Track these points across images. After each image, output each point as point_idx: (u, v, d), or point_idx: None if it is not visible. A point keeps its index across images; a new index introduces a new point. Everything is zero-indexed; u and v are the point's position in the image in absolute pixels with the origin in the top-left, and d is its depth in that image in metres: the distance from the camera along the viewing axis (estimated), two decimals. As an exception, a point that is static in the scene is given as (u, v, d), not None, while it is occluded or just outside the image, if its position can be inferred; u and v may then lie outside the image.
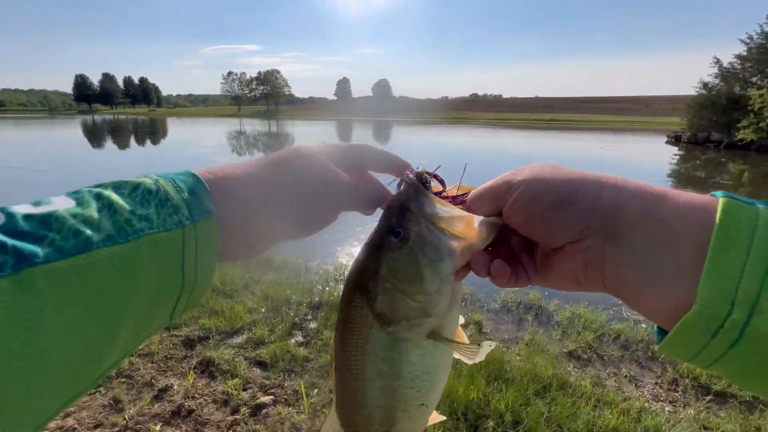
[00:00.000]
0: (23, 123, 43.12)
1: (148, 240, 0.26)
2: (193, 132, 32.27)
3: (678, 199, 0.26)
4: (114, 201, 0.26)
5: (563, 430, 1.72)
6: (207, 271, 0.31)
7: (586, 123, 45.71)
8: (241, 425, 1.74)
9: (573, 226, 0.29)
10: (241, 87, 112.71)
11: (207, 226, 0.30)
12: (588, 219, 0.28)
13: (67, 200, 0.25)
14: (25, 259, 0.21)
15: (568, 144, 22.15)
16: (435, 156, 14.76)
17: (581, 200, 0.28)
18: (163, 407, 1.83)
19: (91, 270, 0.23)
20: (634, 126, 41.90)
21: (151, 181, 0.29)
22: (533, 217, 0.30)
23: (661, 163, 14.52)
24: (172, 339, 2.35)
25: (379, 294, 0.33)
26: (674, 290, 0.25)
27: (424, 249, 0.32)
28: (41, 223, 0.23)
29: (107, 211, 0.26)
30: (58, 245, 0.22)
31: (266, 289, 2.97)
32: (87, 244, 0.23)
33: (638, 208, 0.27)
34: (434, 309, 0.33)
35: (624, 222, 0.27)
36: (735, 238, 0.23)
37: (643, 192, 0.28)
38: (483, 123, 46.79)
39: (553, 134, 30.17)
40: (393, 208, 0.34)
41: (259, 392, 1.95)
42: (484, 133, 30.27)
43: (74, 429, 1.69)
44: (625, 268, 0.27)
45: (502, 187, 0.32)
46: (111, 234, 0.25)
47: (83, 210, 0.25)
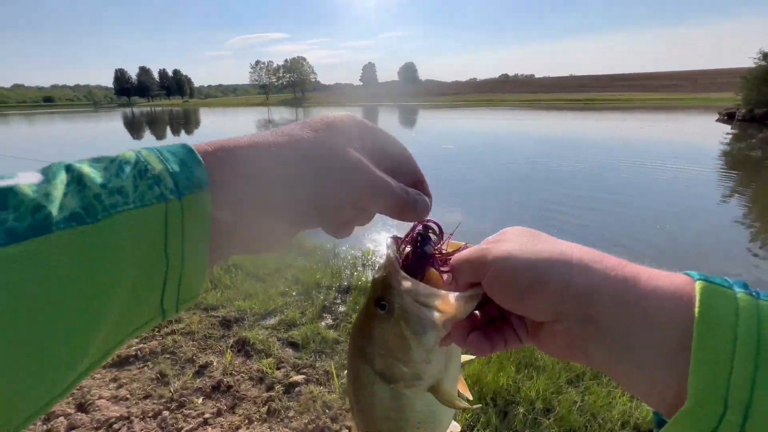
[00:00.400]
0: (71, 117, 46.17)
1: (122, 218, 0.22)
2: (224, 121, 33.26)
3: (651, 283, 0.26)
4: (84, 174, 0.22)
5: (597, 420, 1.68)
6: (197, 253, 0.26)
7: (625, 102, 42.78)
8: (275, 401, 1.83)
9: (546, 310, 0.28)
10: (268, 76, 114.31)
11: (196, 201, 0.25)
12: (559, 304, 0.27)
13: (34, 174, 0.22)
14: None
15: (603, 125, 20.91)
16: (456, 142, 14.44)
17: (551, 285, 0.27)
18: (204, 382, 1.95)
19: (48, 257, 0.19)
20: (681, 103, 38.72)
21: (131, 153, 0.25)
22: (507, 298, 0.30)
23: (710, 143, 13.42)
24: (210, 319, 2.48)
25: (375, 358, 0.36)
26: (661, 377, 0.24)
27: (408, 322, 0.33)
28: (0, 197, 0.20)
29: (75, 185, 0.22)
30: (9, 226, 0.19)
31: (297, 274, 3.06)
32: (45, 225, 0.19)
33: (609, 291, 0.26)
34: (426, 374, 0.35)
35: (595, 307, 0.26)
36: (717, 330, 0.22)
37: (615, 275, 0.27)
38: (513, 105, 44.99)
39: (588, 115, 28.57)
40: (378, 282, 0.35)
41: (292, 371, 2.03)
42: (512, 115, 29.13)
43: (127, 398, 1.84)
44: (607, 352, 0.26)
45: (478, 262, 0.31)
46: (76, 212, 0.21)
47: (47, 185, 0.21)
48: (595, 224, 4.97)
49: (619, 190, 6.48)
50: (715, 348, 0.22)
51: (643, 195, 6.26)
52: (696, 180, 7.36)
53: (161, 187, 0.24)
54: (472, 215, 5.39)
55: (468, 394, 0.41)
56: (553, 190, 6.62)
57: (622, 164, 8.59)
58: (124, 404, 1.81)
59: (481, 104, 48.81)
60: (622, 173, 7.84)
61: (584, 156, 9.82)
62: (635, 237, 4.47)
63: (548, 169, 8.56)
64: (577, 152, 10.60)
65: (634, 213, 5.35)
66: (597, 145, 12.23)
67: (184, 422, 1.72)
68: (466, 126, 21.59)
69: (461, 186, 7.09)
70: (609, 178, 7.50)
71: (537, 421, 1.68)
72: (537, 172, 8.20)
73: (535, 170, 8.42)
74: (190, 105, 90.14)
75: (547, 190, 6.61)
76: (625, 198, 6.03)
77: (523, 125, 21.12)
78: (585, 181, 7.25)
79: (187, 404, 1.82)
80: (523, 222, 3.26)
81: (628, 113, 28.50)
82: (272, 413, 1.78)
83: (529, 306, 0.29)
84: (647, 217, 5.13)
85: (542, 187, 6.92)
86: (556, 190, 6.61)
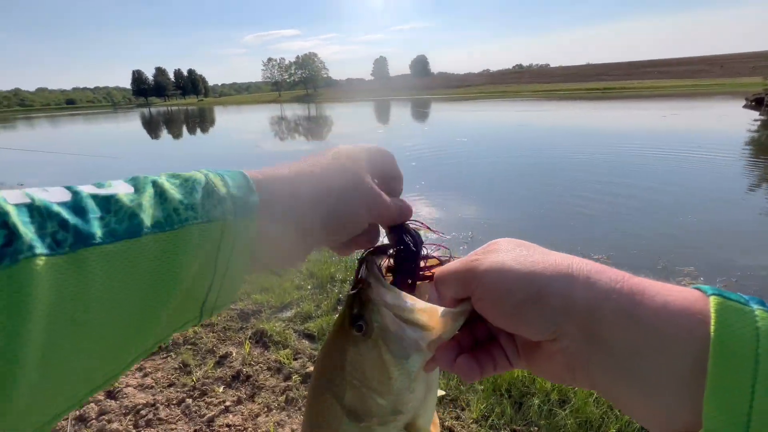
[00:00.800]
0: (93, 118, 47.73)
1: (192, 229, 0.27)
2: (238, 119, 33.70)
3: (659, 298, 0.23)
4: (166, 189, 0.27)
5: (614, 412, 1.67)
6: (239, 266, 0.30)
7: (647, 89, 41.16)
8: (293, 391, 1.88)
9: (544, 327, 0.26)
10: (280, 72, 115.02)
11: (247, 223, 0.30)
12: (560, 321, 0.25)
13: (127, 186, 0.27)
14: (83, 240, 0.22)
15: (622, 114, 20.27)
16: (470, 134, 14.26)
17: (550, 300, 0.25)
18: (225, 372, 2.02)
19: (137, 254, 0.24)
20: (705, 89, 37.10)
21: (201, 175, 0.30)
22: (501, 314, 0.27)
23: (736, 131, 12.87)
24: (229, 312, 2.55)
25: (347, 390, 0.31)
26: (671, 403, 0.22)
27: (388, 344, 0.30)
28: (103, 204, 0.24)
29: (159, 198, 0.27)
30: (112, 228, 0.24)
31: (311, 267, 3.11)
32: (138, 230, 0.24)
33: (614, 308, 0.24)
34: (406, 406, 0.31)
35: (601, 324, 0.24)
36: (736, 352, 0.20)
37: (620, 289, 0.24)
38: (527, 95, 44.03)
39: (607, 104, 27.74)
40: (354, 298, 0.32)
41: (309, 362, 2.08)
42: (528, 106, 28.54)
43: (152, 386, 1.92)
44: (612, 374, 0.24)
45: (467, 275, 0.29)
46: (159, 221, 0.26)
47: (139, 196, 0.26)
48: (615, 216, 4.86)
49: (639, 182, 6.31)
50: (734, 372, 0.20)
51: (666, 185, 6.07)
52: (721, 169, 7.09)
53: (222, 209, 0.29)
54: (489, 208, 5.34)
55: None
56: (572, 181, 6.50)
57: (643, 155, 8.34)
58: (150, 392, 1.89)
59: (494, 96, 47.91)
60: (643, 164, 7.61)
61: (603, 147, 9.58)
62: (657, 230, 4.36)
63: (565, 160, 8.38)
64: (595, 142, 10.34)
65: (654, 204, 5.21)
66: (616, 136, 11.89)
67: (206, 409, 1.79)
68: (480, 118, 21.29)
69: (476, 179, 7.02)
70: (629, 169, 7.30)
71: (552, 412, 1.67)
72: (554, 164, 8.05)
73: (551, 162, 8.26)
74: (204, 104, 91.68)
75: (565, 182, 6.49)
76: (645, 189, 5.87)
77: (540, 117, 20.68)
78: (605, 172, 7.07)
79: (208, 392, 1.89)
80: (543, 213, 3.23)
81: (649, 101, 27.54)
82: (290, 402, 1.83)
83: (525, 323, 0.26)
84: (669, 209, 4.98)
85: (560, 178, 6.79)
86: (574, 181, 6.47)
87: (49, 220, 0.22)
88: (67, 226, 0.22)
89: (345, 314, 0.32)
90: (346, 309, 0.32)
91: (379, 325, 0.30)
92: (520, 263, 0.27)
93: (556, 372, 0.28)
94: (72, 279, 0.22)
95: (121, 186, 0.27)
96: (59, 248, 0.22)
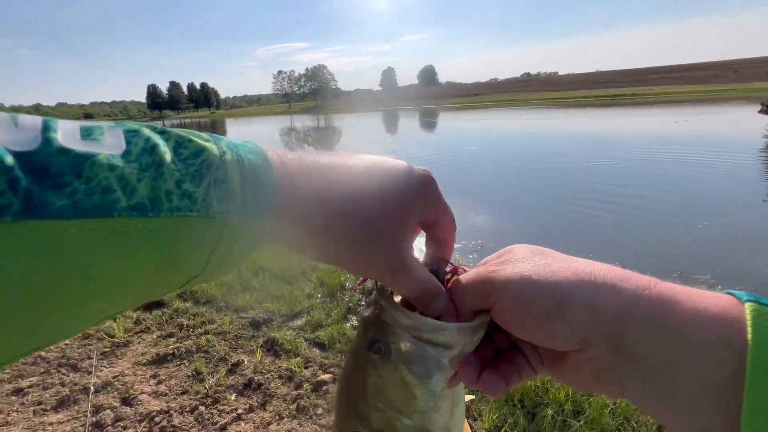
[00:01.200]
0: (109, 131, 49.22)
1: (182, 222, 0.21)
2: (249, 131, 34.32)
3: (690, 305, 0.22)
4: (164, 162, 0.21)
5: (631, 423, 1.63)
6: (235, 265, 0.26)
7: (660, 96, 40.64)
8: (304, 399, 1.88)
9: (570, 338, 0.25)
10: (290, 85, 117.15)
11: (255, 225, 0.25)
12: (585, 331, 0.24)
13: (119, 143, 0.21)
14: (32, 210, 0.17)
15: (634, 120, 20.08)
16: (478, 143, 14.28)
17: (575, 311, 0.24)
18: (237, 380, 2.03)
19: (100, 238, 0.19)
20: (719, 95, 36.55)
21: (216, 152, 0.24)
22: (523, 326, 0.26)
23: (751, 136, 12.62)
24: (241, 320, 2.58)
25: (372, 414, 0.31)
26: (704, 415, 0.21)
27: (409, 365, 0.29)
28: (73, 164, 0.19)
29: (153, 171, 0.21)
30: (76, 199, 0.18)
31: (321, 276, 3.13)
32: (109, 209, 0.19)
33: (642, 316, 0.23)
34: (433, 425, 0.30)
35: (629, 333, 0.23)
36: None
37: (648, 295, 0.23)
38: (536, 103, 43.97)
39: (618, 111, 27.52)
40: (368, 321, 0.31)
41: (319, 370, 2.08)
42: (537, 114, 28.49)
43: (166, 394, 1.95)
44: (642, 385, 0.23)
45: (485, 287, 0.28)
46: (142, 202, 0.20)
47: (126, 163, 0.20)
48: (628, 222, 4.79)
49: (652, 187, 6.21)
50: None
51: (681, 191, 5.97)
52: (737, 174, 6.94)
53: (229, 203, 0.23)
54: (498, 216, 5.32)
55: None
56: (582, 187, 6.43)
57: (656, 160, 8.23)
58: (164, 399, 1.92)
59: (503, 104, 47.90)
60: (656, 169, 7.51)
61: (614, 153, 9.48)
62: (671, 236, 4.28)
63: (574, 166, 8.31)
64: (605, 149, 10.25)
65: (668, 210, 5.12)
66: (627, 142, 11.78)
67: (218, 417, 1.80)
68: (488, 126, 21.31)
69: (485, 187, 7.01)
70: (642, 175, 7.20)
71: (567, 423, 1.64)
72: (564, 170, 7.99)
73: (561, 168, 8.21)
74: (216, 116, 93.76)
75: (576, 188, 6.43)
76: (658, 195, 5.78)
77: (549, 124, 20.61)
78: (616, 178, 6.99)
79: (221, 400, 1.90)
80: (553, 220, 3.21)
81: (661, 107, 27.24)
82: (301, 410, 1.83)
83: (549, 336, 0.25)
84: (684, 215, 4.89)
85: (571, 185, 6.74)
86: (584, 187, 6.41)
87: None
88: (16, 186, 0.17)
89: (361, 338, 0.31)
90: (362, 333, 0.31)
91: (397, 346, 0.29)
92: (540, 273, 0.26)
93: (582, 381, 0.27)
94: None
95: (111, 139, 0.21)
96: None
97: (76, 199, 0.18)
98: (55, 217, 0.17)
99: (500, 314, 0.27)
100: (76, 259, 0.19)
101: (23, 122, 0.19)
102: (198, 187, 0.22)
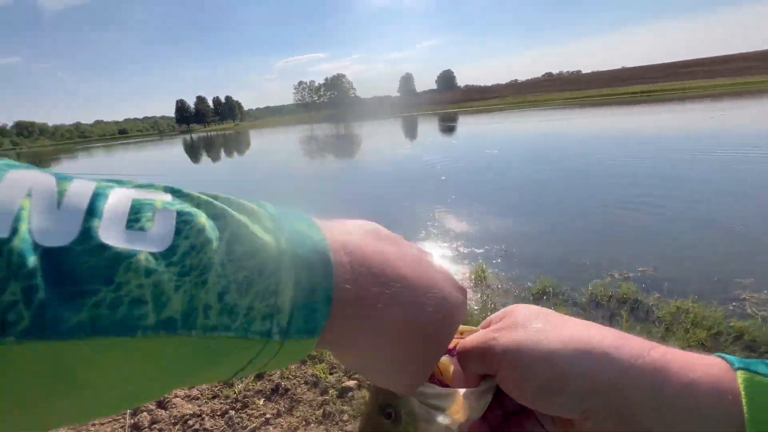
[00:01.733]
0: (143, 146, 52.00)
1: (213, 342, 0.18)
2: (272, 140, 35.28)
3: (684, 374, 0.23)
4: (212, 266, 0.18)
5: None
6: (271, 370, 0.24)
7: (692, 90, 38.60)
8: (330, 405, 1.90)
9: (572, 408, 0.25)
10: (310, 94, 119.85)
11: (299, 345, 0.21)
12: (587, 402, 0.24)
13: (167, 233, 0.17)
14: (42, 330, 0.14)
15: (666, 117, 19.22)
16: (496, 146, 14.07)
17: (573, 382, 0.25)
18: (264, 385, 2.08)
19: (120, 358, 0.16)
20: (756, 87, 34.45)
21: (274, 252, 0.20)
22: (525, 395, 0.27)
23: (797, 130, 11.79)
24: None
25: None
26: None
27: (419, 429, 0.30)
28: (106, 267, 0.16)
29: (195, 276, 0.17)
30: (98, 314, 0.15)
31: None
32: (133, 327, 0.16)
33: (639, 386, 0.23)
34: None
35: (629, 405, 0.24)
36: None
37: (641, 365, 0.24)
38: (559, 104, 42.91)
39: (647, 108, 26.46)
40: (378, 387, 0.32)
41: (344, 377, 2.11)
42: (560, 115, 27.81)
43: (198, 398, 2.02)
44: None
45: (487, 354, 0.28)
46: (172, 317, 0.17)
47: (166, 267, 0.17)
48: (662, 225, 4.59)
49: (688, 188, 5.93)
50: None
51: (719, 190, 5.67)
52: (780, 172, 6.51)
53: (272, 322, 0.19)
54: (523, 220, 5.22)
55: None
56: (613, 189, 6.22)
57: (691, 159, 7.85)
58: (196, 403, 1.99)
59: (524, 105, 46.96)
60: (692, 168, 7.16)
61: (645, 152, 9.11)
62: (710, 239, 4.06)
63: (603, 167, 8.05)
64: (635, 148, 9.86)
65: (706, 211, 4.86)
66: (659, 140, 11.31)
67: (248, 421, 1.85)
68: (509, 129, 20.98)
69: (508, 191, 6.90)
70: (676, 174, 6.89)
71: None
72: (592, 172, 7.75)
73: (589, 169, 7.96)
74: (240, 128, 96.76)
75: (606, 190, 6.22)
76: (694, 195, 5.50)
77: (573, 124, 20.06)
78: (649, 178, 6.72)
79: (250, 405, 1.95)
80: (583, 225, 3.12)
81: (695, 102, 25.98)
82: (327, 416, 1.85)
83: (551, 405, 0.26)
84: (723, 216, 4.63)
85: (600, 187, 6.53)
86: (615, 189, 6.20)
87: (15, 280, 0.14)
88: (32, 297, 0.14)
89: (372, 403, 0.33)
90: (374, 398, 0.33)
91: (407, 411, 0.30)
92: (536, 342, 0.26)
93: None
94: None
95: (158, 227, 0.17)
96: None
97: (98, 314, 0.15)
98: (66, 337, 0.15)
99: (503, 382, 0.28)
100: (86, 379, 0.16)
101: (68, 202, 0.16)
102: (243, 298, 0.18)
